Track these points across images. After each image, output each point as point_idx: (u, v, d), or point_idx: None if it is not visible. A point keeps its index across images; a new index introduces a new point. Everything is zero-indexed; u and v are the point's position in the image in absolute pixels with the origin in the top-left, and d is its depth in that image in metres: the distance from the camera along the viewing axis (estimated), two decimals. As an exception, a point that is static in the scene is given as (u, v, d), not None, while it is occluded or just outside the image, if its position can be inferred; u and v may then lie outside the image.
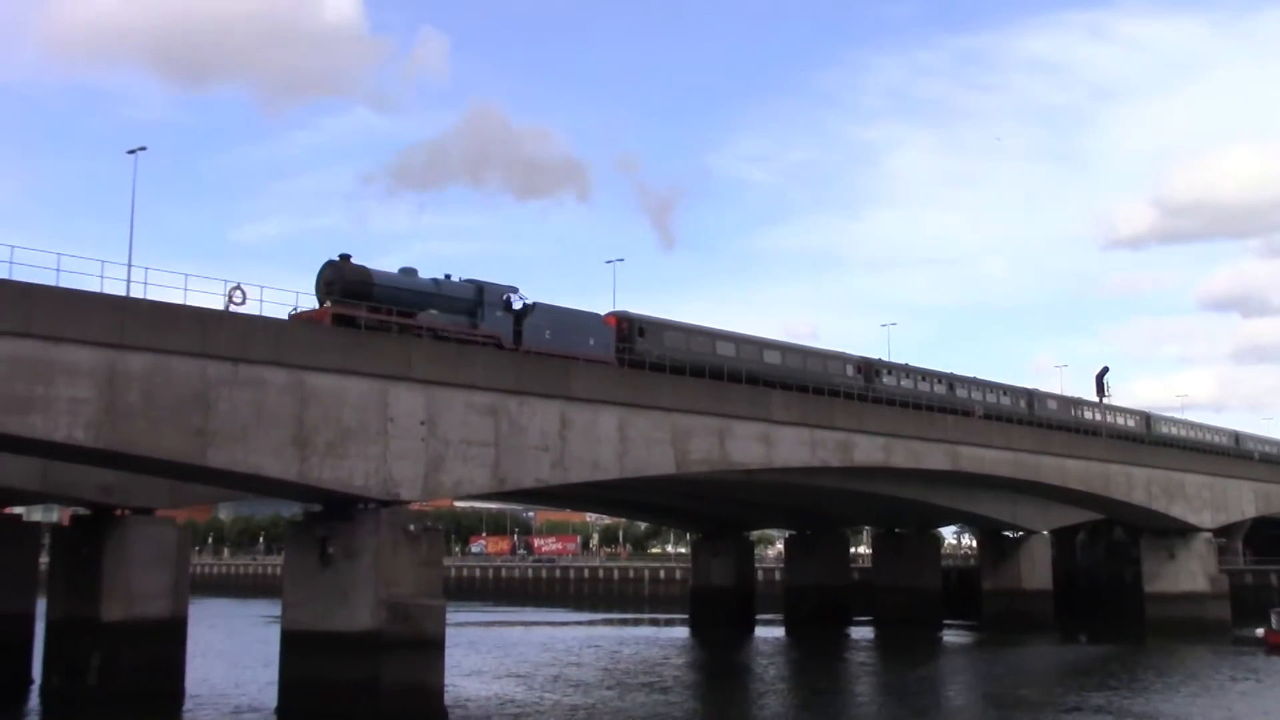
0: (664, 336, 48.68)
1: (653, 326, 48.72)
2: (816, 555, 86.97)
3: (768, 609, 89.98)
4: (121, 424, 30.87)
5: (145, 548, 44.26)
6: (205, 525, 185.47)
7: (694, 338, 50.43)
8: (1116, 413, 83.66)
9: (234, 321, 34.03)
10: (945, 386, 65.99)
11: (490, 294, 41.95)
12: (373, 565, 35.04)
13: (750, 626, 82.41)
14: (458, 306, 40.84)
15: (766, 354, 53.95)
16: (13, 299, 29.47)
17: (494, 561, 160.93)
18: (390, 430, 36.17)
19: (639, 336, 47.29)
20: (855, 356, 60.56)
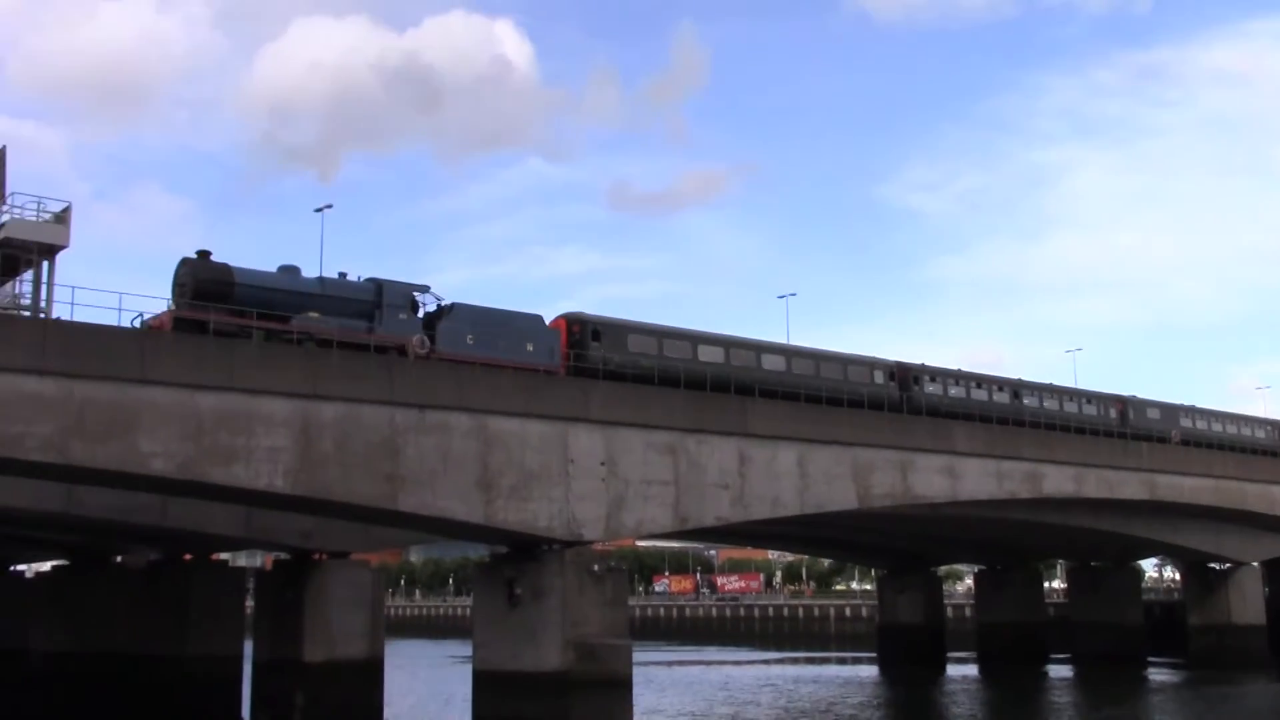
0: (627, 340, 42.18)
1: (611, 329, 42.16)
2: (1009, 590, 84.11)
3: (958, 646, 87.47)
4: (316, 471, 32.13)
5: (342, 590, 45.76)
6: (397, 568, 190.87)
7: (668, 341, 43.56)
8: (1245, 423, 75.40)
9: (419, 369, 35.15)
10: (1009, 394, 57.86)
11: (391, 293, 37.03)
12: (559, 606, 35.49)
13: (941, 665, 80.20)
14: (349, 309, 36.32)
15: (766, 359, 47.02)
16: (218, 355, 31.10)
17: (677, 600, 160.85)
18: (571, 472, 36.68)
19: (593, 340, 41.08)
20: (887, 361, 52.79)
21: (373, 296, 36.62)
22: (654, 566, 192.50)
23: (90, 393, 28.75)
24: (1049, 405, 58.77)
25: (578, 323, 41.21)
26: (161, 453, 29.67)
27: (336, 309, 35.79)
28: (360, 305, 36.45)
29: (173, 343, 30.75)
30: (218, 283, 33.46)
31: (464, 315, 38.11)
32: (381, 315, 36.32)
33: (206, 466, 30.41)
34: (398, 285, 37.24)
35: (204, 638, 50.77)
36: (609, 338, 41.45)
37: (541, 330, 39.63)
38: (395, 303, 36.83)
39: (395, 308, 36.76)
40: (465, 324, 37.80)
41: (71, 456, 28.67)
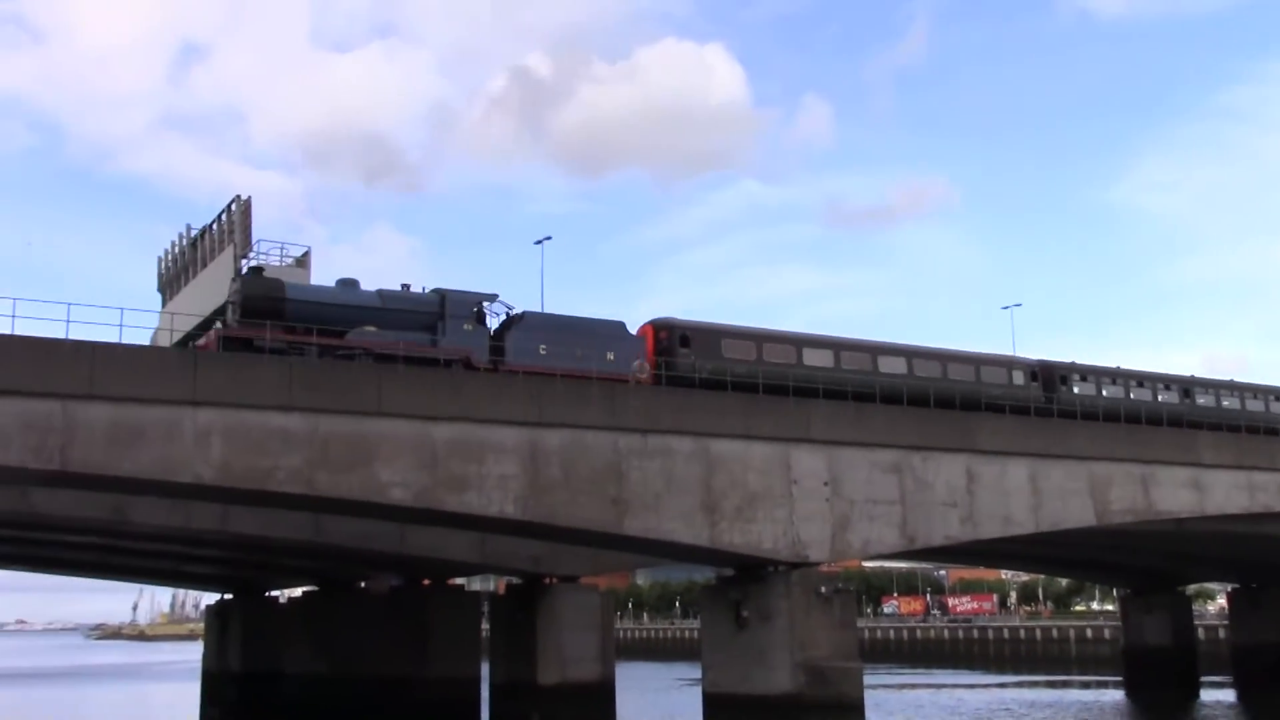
0: (721, 346, 39.52)
1: (702, 334, 39.59)
2: (1267, 610, 78.82)
3: (1212, 670, 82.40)
4: (544, 497, 32.88)
5: (573, 614, 46.64)
6: (625, 591, 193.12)
7: (769, 345, 40.75)
8: None
9: (640, 394, 35.58)
10: (1178, 393, 51.81)
11: (454, 304, 35.52)
12: (787, 628, 35.22)
13: (1194, 689, 75.71)
14: (410, 322, 35.10)
15: (884, 361, 43.24)
16: (449, 387, 32.27)
17: (907, 622, 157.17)
18: (795, 492, 36.41)
19: (682, 347, 38.73)
20: (1028, 360, 48.46)
21: (435, 308, 35.52)
22: (882, 587, 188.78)
23: (332, 427, 30.25)
24: (1229, 404, 53.01)
25: (665, 328, 39.21)
26: (399, 482, 30.94)
27: (397, 322, 34.88)
28: (422, 318, 35.40)
29: (406, 377, 32.04)
30: (268, 299, 32.95)
31: (535, 324, 36.69)
32: (444, 327, 35.19)
33: (441, 494, 31.53)
34: (461, 295, 35.94)
35: (443, 660, 52.51)
36: (700, 343, 39.21)
37: (624, 338, 37.95)
38: (459, 314, 35.52)
39: (459, 319, 35.47)
40: (537, 333, 36.32)
41: (317, 487, 30.19)
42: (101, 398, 27.71)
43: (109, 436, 27.75)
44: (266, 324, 31.93)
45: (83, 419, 27.53)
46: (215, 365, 29.44)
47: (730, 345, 39.69)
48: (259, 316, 32.29)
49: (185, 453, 28.53)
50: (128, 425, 27.97)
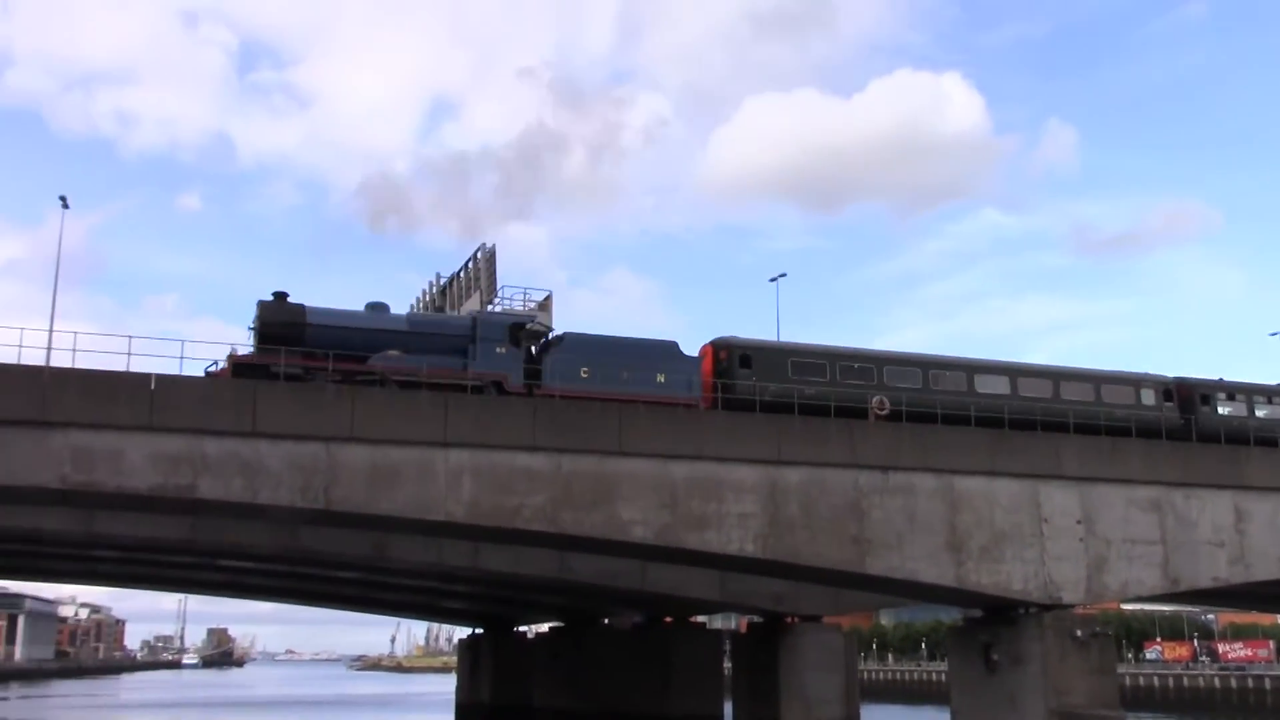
0: (787, 365, 36.85)
1: (765, 353, 37.01)
2: None
3: None
4: (785, 536, 32.66)
5: (816, 654, 46.07)
6: (868, 631, 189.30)
7: (842, 364, 37.70)
8: None
9: (881, 431, 34.98)
10: None
11: (486, 327, 34.19)
12: (1041, 673, 33.77)
13: None
14: (441, 345, 33.90)
15: (982, 380, 39.59)
16: (688, 426, 32.56)
17: (1172, 669, 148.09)
18: (1045, 531, 35.00)
19: (741, 367, 36.37)
20: (1162, 378, 43.19)
21: (467, 331, 34.40)
22: (1143, 631, 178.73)
23: (575, 466, 30.96)
24: None
25: (724, 348, 37.00)
26: (640, 520, 31.36)
27: (426, 346, 33.87)
28: (453, 341, 34.29)
29: (646, 416, 32.49)
30: (287, 324, 32.54)
31: (576, 346, 35.02)
32: (475, 351, 33.93)
33: (682, 533, 31.77)
34: (494, 317, 35.24)
35: (685, 696, 52.73)
36: (763, 363, 36.78)
37: (676, 359, 36.03)
38: (491, 337, 34.13)
39: (491, 342, 34.06)
40: (577, 355, 34.67)
41: (561, 525, 30.92)
42: (361, 440, 29.23)
43: (368, 477, 29.22)
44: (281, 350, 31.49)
45: (344, 460, 29.09)
46: (465, 408, 30.58)
47: (799, 365, 37.29)
48: (278, 343, 31.94)
49: (438, 492, 29.74)
50: (385, 466, 29.39)
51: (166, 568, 59.51)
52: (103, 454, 27.71)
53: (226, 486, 28.37)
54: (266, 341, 31.96)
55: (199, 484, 28.16)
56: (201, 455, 28.20)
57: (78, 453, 27.52)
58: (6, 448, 27.18)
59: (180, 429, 28.07)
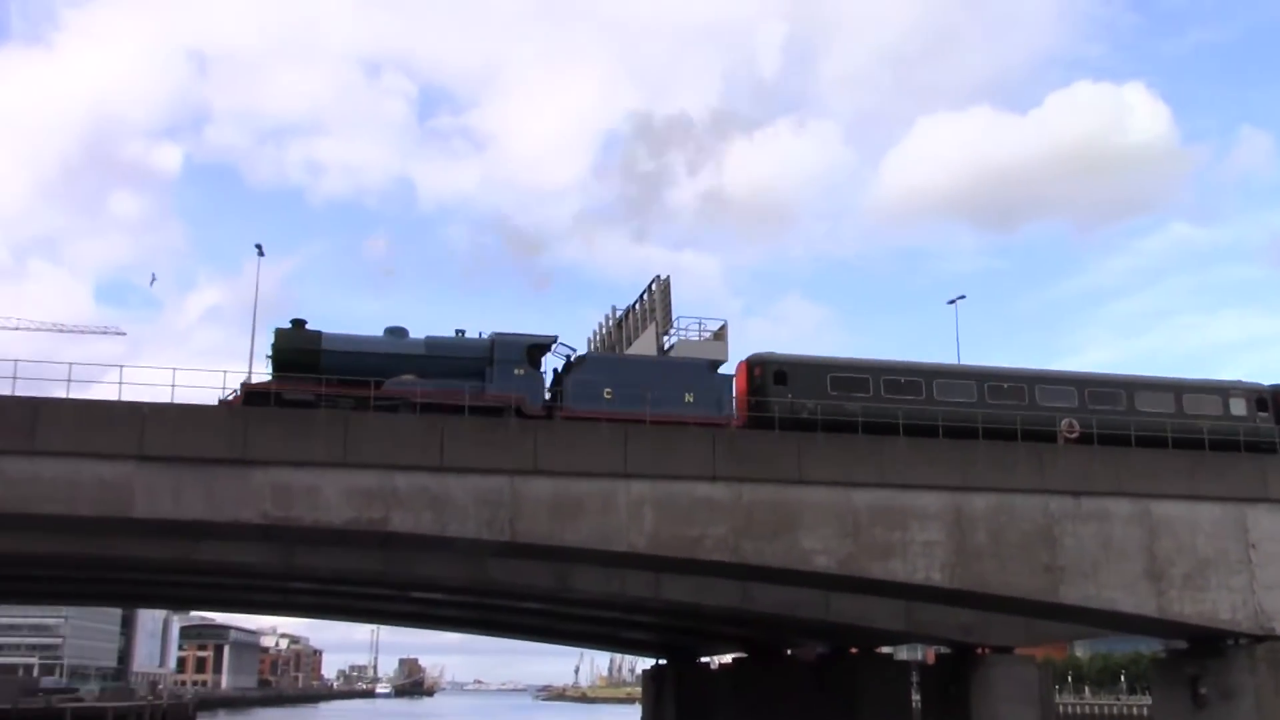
0: (826, 381, 34.92)
1: (801, 369, 35.05)
2: None
3: None
4: (972, 564, 31.80)
5: (1009, 686, 44.70)
6: (1063, 663, 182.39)
7: (888, 379, 35.58)
8: None
9: (1071, 454, 33.81)
10: None
11: (504, 349, 33.37)
12: (1254, 709, 31.96)
13: None
14: (458, 369, 33.17)
15: (1044, 391, 36.53)
16: (868, 452, 32.06)
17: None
18: (1253, 558, 33.18)
19: (776, 384, 34.53)
20: (1255, 386, 38.97)
21: (484, 354, 33.68)
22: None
23: (755, 495, 30.81)
24: None
25: (758, 364, 35.32)
26: (822, 549, 30.98)
27: (443, 370, 33.27)
28: (470, 364, 33.55)
29: (826, 444, 32.15)
30: (301, 351, 32.56)
31: (598, 366, 34.42)
32: (492, 373, 33.22)
33: (865, 562, 31.26)
34: (512, 339, 34.02)
35: (874, 730, 51.71)
36: (799, 379, 34.83)
37: (706, 377, 34.78)
38: (508, 358, 33.40)
39: (508, 364, 33.31)
40: (600, 376, 33.76)
41: (743, 555, 30.78)
42: (544, 473, 29.73)
43: (551, 509, 29.68)
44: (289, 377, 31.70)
45: (528, 493, 29.63)
46: (644, 439, 30.79)
47: (839, 381, 35.28)
48: (294, 370, 32.10)
49: (619, 523, 30.00)
50: (568, 498, 29.81)
51: (360, 599, 61.55)
52: (300, 490, 28.88)
53: (416, 520, 29.21)
54: (282, 369, 32.30)
55: (391, 517, 29.07)
56: (393, 490, 29.12)
57: (277, 490, 28.74)
58: (212, 486, 28.57)
59: (372, 465, 29.05)
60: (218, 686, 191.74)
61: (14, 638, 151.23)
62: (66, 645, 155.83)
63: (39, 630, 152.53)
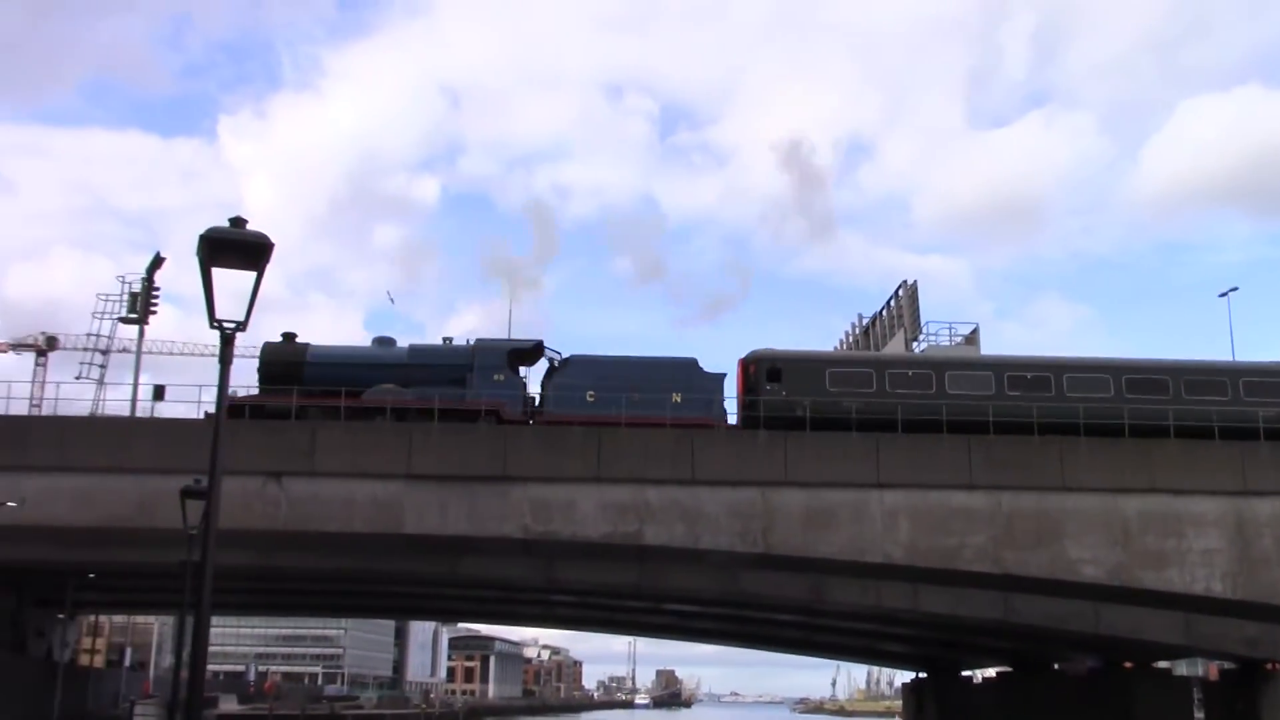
0: (824, 376, 33.09)
1: (797, 365, 33.46)
2: None
3: None
4: (1258, 573, 29.80)
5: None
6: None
7: (894, 373, 33.40)
8: None
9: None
10: None
11: (484, 354, 33.35)
12: None
13: None
14: (440, 376, 33.29)
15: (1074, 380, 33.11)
16: (1136, 457, 30.49)
17: None
18: None
19: (769, 381, 32.91)
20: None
21: (465, 360, 33.73)
22: None
23: (1016, 503, 29.80)
24: None
25: (753, 362, 33.80)
26: (1090, 559, 29.66)
27: (425, 377, 33.54)
28: (451, 371, 33.72)
29: (1090, 449, 30.79)
30: (286, 364, 33.28)
31: (582, 370, 33.67)
32: (473, 379, 33.29)
33: (1137, 572, 29.74)
34: (492, 344, 33.98)
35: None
36: (794, 376, 33.23)
37: (696, 377, 33.73)
38: (488, 364, 33.40)
39: (488, 370, 33.32)
40: (583, 379, 33.18)
41: (1005, 565, 29.80)
42: (795, 484, 29.62)
43: (804, 520, 29.52)
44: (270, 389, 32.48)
45: (780, 505, 29.57)
46: (896, 447, 30.28)
47: (839, 376, 33.57)
48: (280, 382, 32.74)
49: (874, 533, 29.56)
50: (820, 509, 29.59)
51: (617, 611, 62.63)
52: (558, 505, 29.73)
53: (670, 533, 29.59)
54: (269, 381, 33.19)
55: (644, 531, 29.55)
56: (645, 503, 29.60)
57: (536, 505, 29.67)
58: (475, 502, 29.75)
59: (625, 479, 29.63)
60: (484, 696, 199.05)
61: (300, 648, 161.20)
62: (347, 655, 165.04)
63: (321, 641, 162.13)
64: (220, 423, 9.40)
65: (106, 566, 41.13)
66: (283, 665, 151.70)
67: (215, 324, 8.93)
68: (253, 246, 8.91)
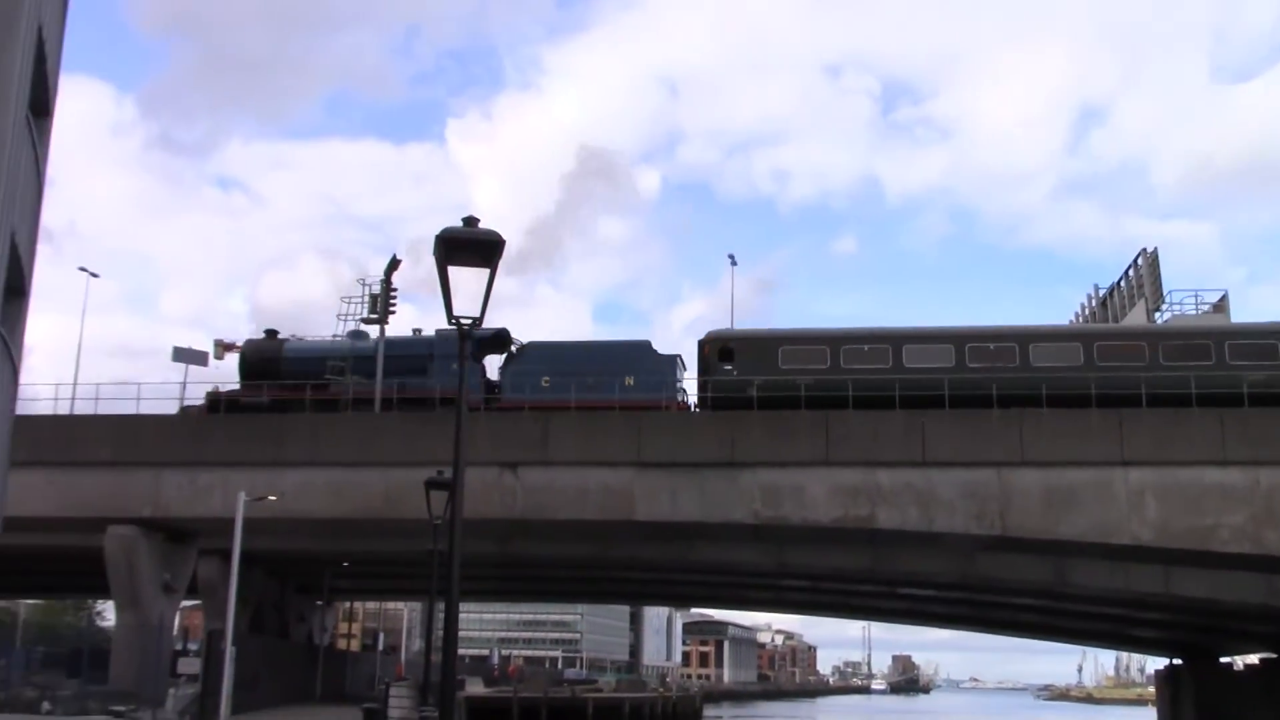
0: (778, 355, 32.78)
1: (750, 344, 33.28)
2: None
3: None
4: None
5: None
6: None
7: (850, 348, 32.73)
8: None
9: None
10: None
11: (443, 344, 34.05)
12: None
13: None
14: (402, 366, 34.89)
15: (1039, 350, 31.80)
16: None
17: None
18: None
19: (721, 361, 32.79)
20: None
21: (427, 350, 35.14)
22: None
23: (1276, 479, 28.00)
24: None
25: (707, 343, 33.92)
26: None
27: (391, 368, 34.94)
28: (414, 361, 35.16)
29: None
30: (264, 360, 35.87)
31: (536, 356, 34.65)
32: (432, 367, 34.54)
33: None
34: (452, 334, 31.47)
35: None
36: (747, 355, 33.18)
37: (648, 359, 34.42)
38: (447, 353, 33.57)
39: (447, 358, 33.61)
40: (538, 365, 34.10)
41: (1266, 546, 28.10)
42: (1032, 464, 28.66)
43: (1043, 501, 28.56)
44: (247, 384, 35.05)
45: (1017, 485, 28.68)
46: (1140, 423, 28.95)
47: (792, 353, 33.23)
48: (259, 377, 35.11)
49: (1119, 514, 28.34)
50: (1060, 489, 28.57)
51: (850, 596, 61.98)
52: (787, 490, 29.65)
53: (903, 516, 29.13)
54: (248, 376, 35.63)
55: (876, 514, 29.18)
56: (876, 486, 29.22)
57: (765, 490, 29.67)
58: (704, 489, 29.97)
59: (854, 462, 29.30)
60: (719, 680, 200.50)
61: (540, 633, 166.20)
62: (584, 640, 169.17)
63: (560, 626, 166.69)
64: (461, 415, 9.76)
65: (358, 555, 43.36)
66: (523, 650, 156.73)
67: (453, 320, 9.26)
68: (485, 244, 9.21)
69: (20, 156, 14.97)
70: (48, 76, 16.98)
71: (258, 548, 33.79)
